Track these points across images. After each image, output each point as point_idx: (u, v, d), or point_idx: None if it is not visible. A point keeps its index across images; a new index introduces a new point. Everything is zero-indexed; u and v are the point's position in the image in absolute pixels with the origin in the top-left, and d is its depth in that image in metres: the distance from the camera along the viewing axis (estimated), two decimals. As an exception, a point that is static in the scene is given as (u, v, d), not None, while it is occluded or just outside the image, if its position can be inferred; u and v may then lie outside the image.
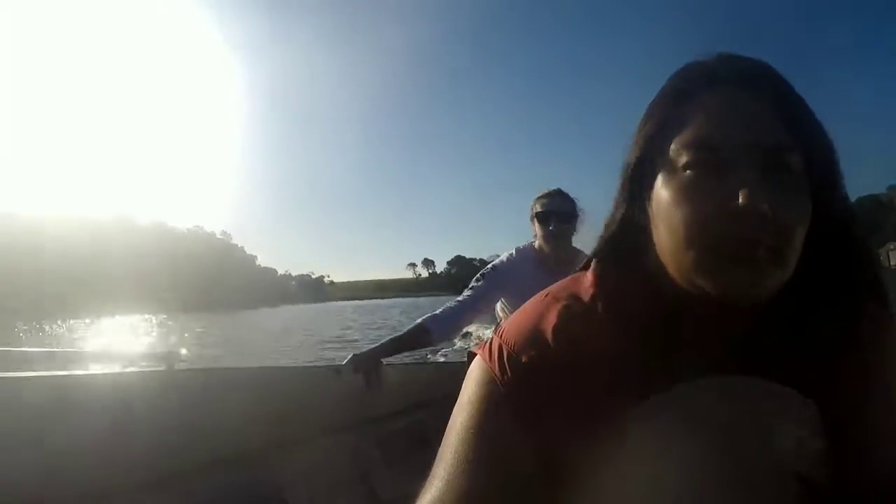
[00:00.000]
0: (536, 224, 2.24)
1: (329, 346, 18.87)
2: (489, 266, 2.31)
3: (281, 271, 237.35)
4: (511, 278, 2.22)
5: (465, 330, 2.42)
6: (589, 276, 0.62)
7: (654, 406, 0.53)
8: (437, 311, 2.16)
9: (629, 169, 0.61)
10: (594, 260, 0.63)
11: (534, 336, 0.59)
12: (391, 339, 2.07)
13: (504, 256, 2.34)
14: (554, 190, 2.27)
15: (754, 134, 0.52)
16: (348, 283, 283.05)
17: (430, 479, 0.54)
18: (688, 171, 0.54)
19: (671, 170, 0.55)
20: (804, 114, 0.55)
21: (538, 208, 2.23)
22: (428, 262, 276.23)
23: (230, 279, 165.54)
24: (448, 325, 2.14)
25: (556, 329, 0.58)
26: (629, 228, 0.60)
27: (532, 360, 0.57)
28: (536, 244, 2.28)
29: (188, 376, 1.49)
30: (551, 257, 2.21)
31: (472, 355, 0.64)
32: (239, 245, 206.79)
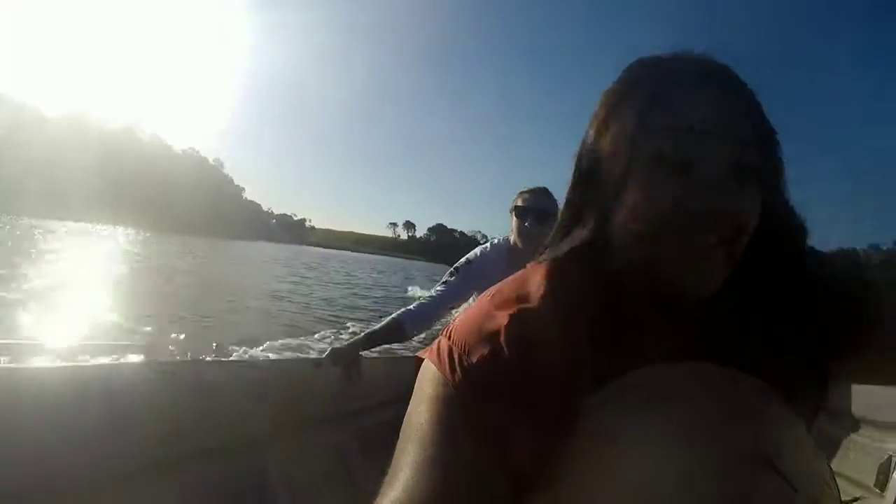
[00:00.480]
0: (514, 218, 2.23)
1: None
2: (463, 259, 2.29)
3: (265, 208, 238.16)
4: (484, 273, 2.18)
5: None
6: (541, 273, 0.62)
7: (610, 392, 0.53)
8: (411, 307, 2.18)
9: (593, 162, 0.61)
10: (548, 257, 0.64)
11: (483, 335, 0.57)
12: (367, 334, 2.09)
13: (478, 250, 2.33)
14: (540, 188, 2.25)
15: (722, 128, 0.54)
16: (328, 230, 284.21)
17: (386, 481, 0.53)
18: (656, 166, 0.55)
19: (639, 164, 0.56)
20: (761, 112, 0.57)
21: (519, 202, 2.22)
22: (409, 225, 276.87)
23: (216, 208, 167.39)
24: (422, 321, 2.16)
25: (507, 328, 0.57)
26: (588, 223, 0.61)
27: (483, 359, 0.56)
28: (512, 239, 2.27)
29: (169, 368, 1.45)
30: (525, 254, 2.15)
31: (419, 360, 0.63)
32: (229, 176, 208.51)
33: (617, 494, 0.48)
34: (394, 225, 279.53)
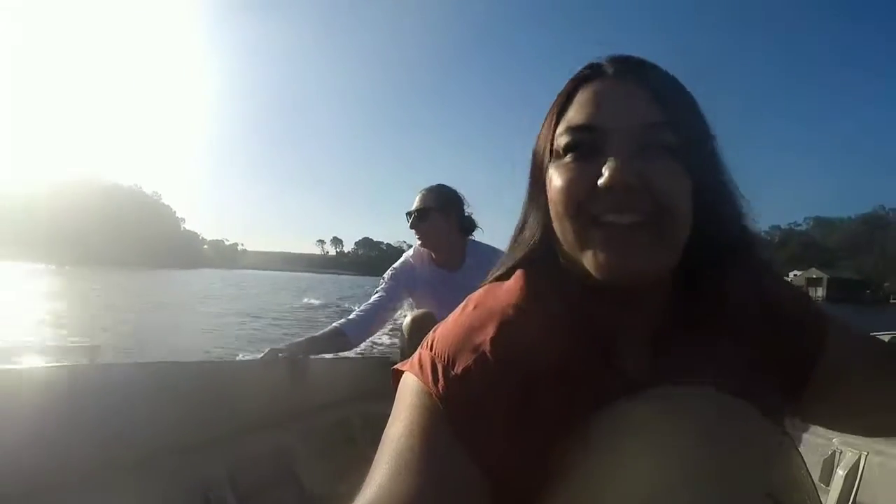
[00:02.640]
0: None
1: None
2: (391, 268, 2.43)
3: (201, 236, 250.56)
4: (412, 276, 2.37)
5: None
6: (515, 284, 0.62)
7: (615, 412, 0.52)
8: (351, 315, 2.24)
9: (533, 169, 0.64)
10: (518, 268, 0.64)
11: (468, 347, 0.57)
12: (309, 339, 2.08)
13: (403, 257, 2.48)
14: (425, 188, 2.36)
15: (626, 114, 0.55)
16: (260, 252, 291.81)
17: (364, 485, 0.52)
18: (566, 157, 0.57)
19: (555, 158, 0.59)
20: (678, 95, 0.58)
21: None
22: (336, 241, 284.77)
23: (156, 239, 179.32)
24: (363, 328, 2.21)
25: (493, 339, 0.57)
26: (540, 230, 0.63)
27: (468, 370, 0.56)
28: None
29: (108, 371, 1.40)
30: (437, 254, 2.35)
31: (397, 373, 0.63)
32: (171, 207, 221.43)
33: None
34: (322, 242, 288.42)
